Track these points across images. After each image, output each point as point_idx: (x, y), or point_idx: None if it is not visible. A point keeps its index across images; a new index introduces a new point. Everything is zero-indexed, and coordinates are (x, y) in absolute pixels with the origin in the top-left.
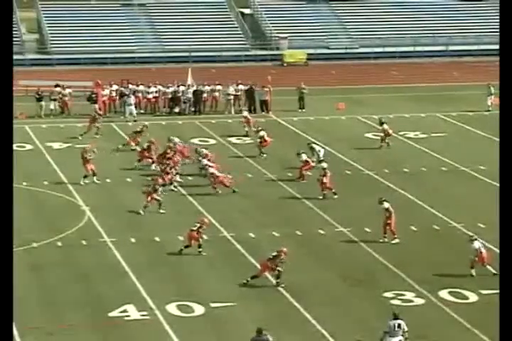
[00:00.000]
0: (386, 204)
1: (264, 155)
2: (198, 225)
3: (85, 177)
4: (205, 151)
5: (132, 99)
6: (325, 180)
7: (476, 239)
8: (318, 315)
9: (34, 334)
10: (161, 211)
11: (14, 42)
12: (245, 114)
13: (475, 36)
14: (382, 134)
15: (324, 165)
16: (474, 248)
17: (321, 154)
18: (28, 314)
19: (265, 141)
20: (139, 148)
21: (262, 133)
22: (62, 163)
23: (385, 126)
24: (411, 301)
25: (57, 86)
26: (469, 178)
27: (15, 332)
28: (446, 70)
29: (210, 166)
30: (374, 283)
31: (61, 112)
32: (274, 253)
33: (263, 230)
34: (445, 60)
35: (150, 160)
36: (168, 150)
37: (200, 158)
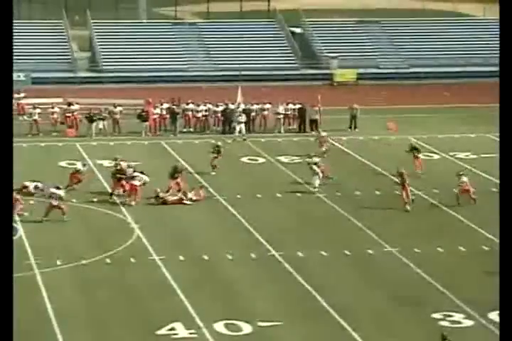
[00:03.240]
0: None
1: None
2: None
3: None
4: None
5: (244, 118)
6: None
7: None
8: (366, 336)
9: None
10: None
11: (66, 60)
12: (323, 133)
13: None
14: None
15: None
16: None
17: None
18: (75, 331)
19: None
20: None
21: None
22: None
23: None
24: (460, 322)
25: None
26: None
27: None
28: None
29: None
30: (423, 304)
31: (113, 131)
32: None
33: (311, 249)
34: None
35: None
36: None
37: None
